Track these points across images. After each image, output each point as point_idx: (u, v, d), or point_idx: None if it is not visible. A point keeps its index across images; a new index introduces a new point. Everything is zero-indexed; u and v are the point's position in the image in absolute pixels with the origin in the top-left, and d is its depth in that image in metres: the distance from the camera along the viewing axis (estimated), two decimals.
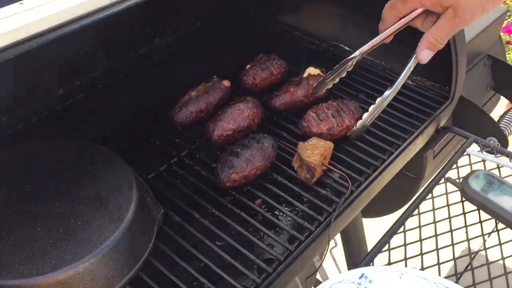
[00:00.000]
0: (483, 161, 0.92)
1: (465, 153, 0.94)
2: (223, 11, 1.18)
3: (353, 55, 0.81)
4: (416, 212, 0.84)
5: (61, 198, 0.69)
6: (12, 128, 0.88)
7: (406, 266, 0.76)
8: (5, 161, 0.76)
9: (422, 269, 0.74)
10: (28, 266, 0.60)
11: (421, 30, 0.78)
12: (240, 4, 1.16)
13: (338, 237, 1.32)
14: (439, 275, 0.75)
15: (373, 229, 1.32)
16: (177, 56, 1.04)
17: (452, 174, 0.90)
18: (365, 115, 0.86)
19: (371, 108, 0.85)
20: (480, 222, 0.81)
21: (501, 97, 1.38)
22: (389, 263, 0.77)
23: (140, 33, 1.02)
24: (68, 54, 0.86)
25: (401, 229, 0.80)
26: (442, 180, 0.88)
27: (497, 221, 0.81)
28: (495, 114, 1.41)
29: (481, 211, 0.82)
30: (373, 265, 0.78)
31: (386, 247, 0.78)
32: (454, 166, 0.92)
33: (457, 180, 0.87)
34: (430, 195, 0.86)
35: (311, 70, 0.96)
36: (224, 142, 0.86)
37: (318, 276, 1.43)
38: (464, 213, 0.82)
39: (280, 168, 0.85)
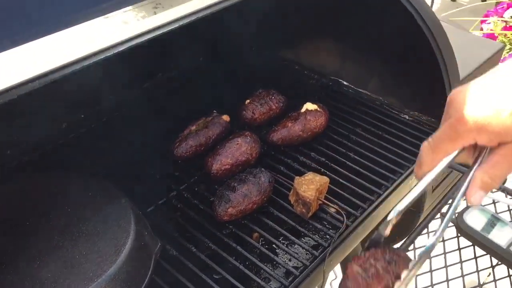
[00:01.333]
0: None
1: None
2: (224, 47, 1.21)
3: (390, 217, 0.61)
4: (411, 247, 0.84)
5: (60, 232, 0.71)
6: (17, 159, 0.90)
7: None
8: (7, 194, 0.78)
9: None
10: None
11: (465, 163, 0.61)
12: (240, 39, 1.19)
13: (338, 269, 1.32)
14: None
15: None
16: (179, 90, 1.07)
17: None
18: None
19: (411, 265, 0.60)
20: (475, 258, 0.81)
21: None
22: None
23: (143, 69, 1.05)
24: (72, 89, 0.89)
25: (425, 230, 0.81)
26: (438, 215, 0.89)
27: (490, 256, 0.81)
28: None
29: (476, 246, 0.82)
30: None
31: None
32: (450, 201, 0.92)
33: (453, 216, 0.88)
34: (425, 230, 0.86)
35: (309, 106, 0.98)
36: (223, 176, 0.88)
37: None
38: (459, 249, 0.83)
39: (277, 202, 0.87)
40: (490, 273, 0.79)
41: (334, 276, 1.28)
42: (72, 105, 0.94)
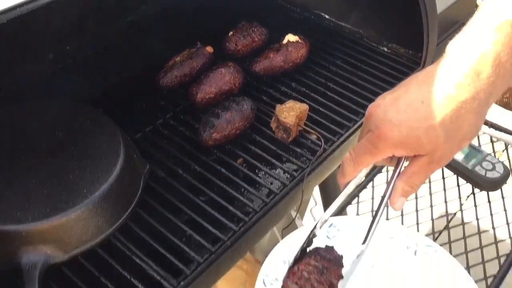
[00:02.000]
0: None
1: None
2: None
3: (317, 224, 0.69)
4: (385, 169, 0.90)
5: (53, 155, 0.75)
6: (5, 90, 0.93)
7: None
8: (0, 121, 0.81)
9: (387, 220, 0.81)
10: (24, 213, 0.66)
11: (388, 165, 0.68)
12: None
13: (318, 197, 1.40)
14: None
15: None
16: (163, 23, 1.08)
17: None
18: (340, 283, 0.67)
19: (345, 272, 0.67)
20: (443, 178, 0.88)
21: None
22: (357, 214, 0.84)
23: (128, 1, 1.06)
24: (58, 20, 0.91)
25: (370, 184, 0.87)
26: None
27: (473, 186, 0.87)
28: None
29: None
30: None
31: (355, 201, 0.85)
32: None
33: None
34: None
35: (290, 37, 1.01)
36: (207, 105, 0.92)
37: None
38: (443, 178, 0.89)
39: (259, 129, 0.91)
40: (468, 197, 0.86)
41: (314, 203, 1.36)
42: (58, 37, 0.96)
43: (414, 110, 0.57)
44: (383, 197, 0.63)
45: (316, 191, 1.42)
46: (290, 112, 0.87)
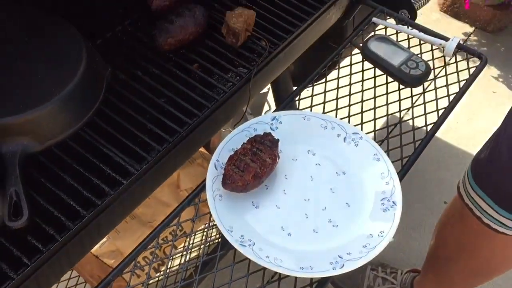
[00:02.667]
0: (385, 28, 1.09)
1: (372, 22, 1.10)
2: None
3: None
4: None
5: (22, 57, 0.82)
6: None
7: (311, 111, 0.95)
8: None
9: (323, 113, 0.94)
10: (2, 109, 0.75)
11: None
12: None
13: (272, 102, 1.51)
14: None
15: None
16: None
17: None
18: None
19: None
20: (374, 77, 0.99)
21: None
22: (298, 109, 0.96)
23: None
24: None
25: (310, 84, 0.98)
26: (349, 44, 1.05)
27: (399, 82, 0.99)
28: None
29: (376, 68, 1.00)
30: None
31: (297, 98, 0.97)
32: (361, 32, 1.08)
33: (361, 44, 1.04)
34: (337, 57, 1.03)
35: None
36: (163, 11, 0.98)
37: None
38: (362, 70, 1.00)
39: (212, 35, 0.99)
40: (385, 85, 0.98)
41: (268, 107, 1.47)
42: None
43: None
44: None
45: (271, 98, 1.54)
46: (239, 18, 0.95)
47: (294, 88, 1.54)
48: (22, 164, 0.75)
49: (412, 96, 0.97)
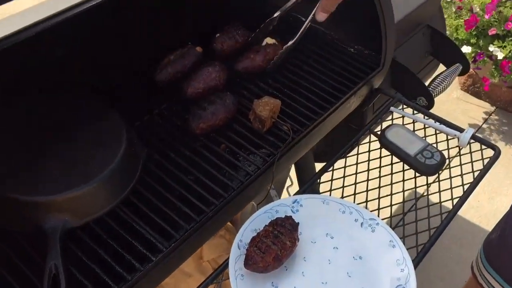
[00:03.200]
0: (403, 117, 1.16)
1: (389, 110, 1.17)
2: None
3: (275, 15, 1.11)
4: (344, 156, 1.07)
5: (68, 140, 0.91)
6: (17, 80, 1.07)
7: (330, 196, 1.00)
8: (20, 111, 0.96)
9: (342, 198, 0.99)
10: (48, 187, 0.83)
11: None
12: None
13: (294, 177, 1.57)
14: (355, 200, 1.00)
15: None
16: (158, 22, 1.23)
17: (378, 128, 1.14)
18: (275, 58, 1.15)
19: (280, 52, 1.14)
20: (391, 164, 1.05)
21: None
22: (318, 193, 1.02)
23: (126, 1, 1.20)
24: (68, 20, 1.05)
25: (331, 168, 1.05)
26: (368, 132, 1.12)
27: (415, 171, 1.05)
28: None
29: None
30: None
31: (317, 181, 1.03)
32: (379, 120, 1.15)
33: (379, 133, 1.11)
34: (356, 143, 1.10)
35: (269, 40, 1.16)
36: (196, 98, 1.08)
37: None
38: (380, 157, 1.06)
39: (240, 120, 1.08)
40: (401, 172, 1.03)
41: (290, 183, 1.53)
42: (67, 33, 1.10)
43: None
44: (311, 15, 1.02)
45: (293, 173, 1.60)
46: (265, 107, 1.04)
47: (315, 163, 1.62)
48: (62, 238, 0.82)
49: (428, 184, 1.02)
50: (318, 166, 1.57)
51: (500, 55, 2.27)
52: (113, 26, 1.12)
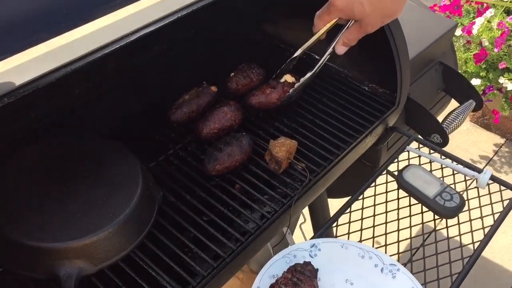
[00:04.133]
0: (419, 156, 1.14)
1: (405, 150, 1.16)
2: (214, 20, 1.37)
3: (296, 54, 1.08)
4: (361, 197, 1.06)
5: (83, 183, 0.90)
6: (39, 121, 1.07)
7: (348, 239, 0.98)
8: (35, 153, 0.96)
9: (360, 241, 0.97)
10: (63, 233, 0.81)
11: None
12: (228, 16, 1.35)
13: (307, 214, 1.55)
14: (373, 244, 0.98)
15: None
16: (173, 62, 1.23)
17: (393, 167, 1.12)
18: (291, 90, 1.12)
19: (296, 85, 1.11)
20: (410, 205, 1.03)
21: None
22: (336, 236, 1.00)
23: (142, 42, 1.21)
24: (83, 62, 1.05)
25: (348, 209, 1.03)
26: (384, 172, 1.11)
27: (434, 213, 1.03)
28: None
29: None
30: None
31: (335, 224, 1.01)
32: (396, 160, 1.14)
33: (395, 172, 1.10)
34: (373, 184, 1.08)
35: (288, 78, 1.15)
36: (211, 138, 1.07)
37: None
38: (398, 198, 1.05)
39: (255, 160, 1.07)
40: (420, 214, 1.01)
41: (303, 219, 1.51)
42: (82, 75, 1.10)
43: None
44: (331, 44, 1.02)
45: (305, 209, 1.58)
46: (282, 148, 1.03)
47: (328, 198, 1.60)
48: (77, 286, 0.80)
49: (447, 227, 1.00)
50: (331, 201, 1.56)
51: (510, 87, 2.26)
52: (127, 68, 1.13)
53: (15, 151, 0.94)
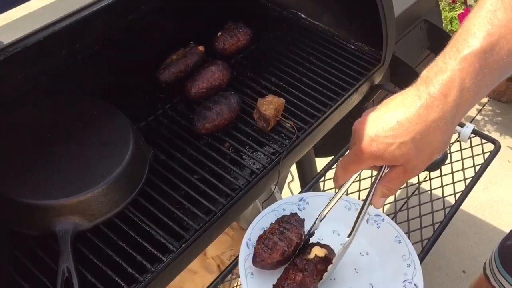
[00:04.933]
0: None
1: None
2: None
3: (315, 224, 0.86)
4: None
5: (76, 143, 0.91)
6: (27, 84, 1.07)
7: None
8: (27, 115, 0.96)
9: (347, 195, 1.00)
10: (58, 191, 0.83)
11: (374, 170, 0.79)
12: None
13: (295, 173, 1.58)
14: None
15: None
16: (161, 24, 1.23)
17: None
18: (329, 268, 0.83)
19: (334, 260, 0.84)
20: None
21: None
22: (323, 190, 1.03)
23: (128, 1, 1.20)
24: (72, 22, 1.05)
25: (335, 164, 1.05)
26: None
27: None
28: None
29: None
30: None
31: (322, 179, 1.04)
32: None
33: None
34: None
35: (317, 251, 0.86)
36: (200, 98, 1.08)
37: None
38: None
39: (244, 119, 1.08)
40: None
41: (291, 178, 1.55)
42: (70, 37, 1.10)
43: (390, 128, 0.67)
44: (366, 198, 0.77)
45: (293, 168, 1.61)
46: (269, 106, 1.04)
47: (315, 157, 1.63)
48: (72, 241, 0.82)
49: (430, 179, 1.04)
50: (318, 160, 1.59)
51: None
52: (116, 28, 1.13)
53: (6, 113, 0.95)
